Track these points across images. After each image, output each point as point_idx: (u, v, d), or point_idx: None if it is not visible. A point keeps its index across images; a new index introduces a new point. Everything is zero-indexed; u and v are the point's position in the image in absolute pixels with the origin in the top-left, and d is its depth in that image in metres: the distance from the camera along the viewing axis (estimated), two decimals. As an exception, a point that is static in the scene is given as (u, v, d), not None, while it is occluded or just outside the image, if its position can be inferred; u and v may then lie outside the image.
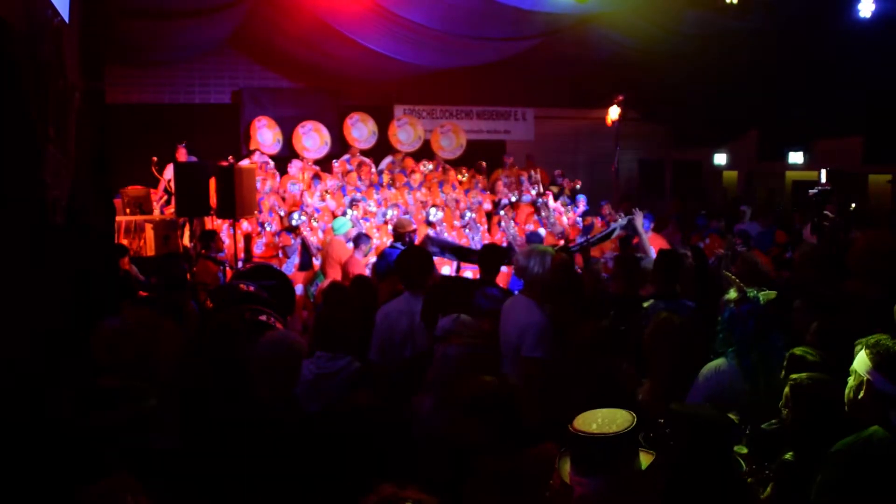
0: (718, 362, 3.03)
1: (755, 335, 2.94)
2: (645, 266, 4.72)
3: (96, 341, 2.82)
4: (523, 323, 3.70)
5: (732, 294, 3.12)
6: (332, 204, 9.54)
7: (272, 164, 10.71)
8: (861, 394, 2.18)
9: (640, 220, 5.97)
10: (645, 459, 1.88)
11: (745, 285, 3.12)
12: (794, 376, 2.46)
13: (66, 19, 3.99)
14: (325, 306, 4.59)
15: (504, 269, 6.07)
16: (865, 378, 2.17)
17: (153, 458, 2.21)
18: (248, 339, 3.16)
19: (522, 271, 3.87)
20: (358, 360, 3.36)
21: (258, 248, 8.58)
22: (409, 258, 4.37)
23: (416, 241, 7.05)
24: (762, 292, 3.08)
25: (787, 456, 2.43)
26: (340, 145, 11.95)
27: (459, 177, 11.33)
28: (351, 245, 7.46)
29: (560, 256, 4.06)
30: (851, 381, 2.23)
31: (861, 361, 2.20)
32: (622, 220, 6.43)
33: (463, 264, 7.54)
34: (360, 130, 12.06)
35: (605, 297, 4.74)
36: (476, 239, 8.97)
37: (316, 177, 10.14)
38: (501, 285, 5.42)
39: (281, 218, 9.12)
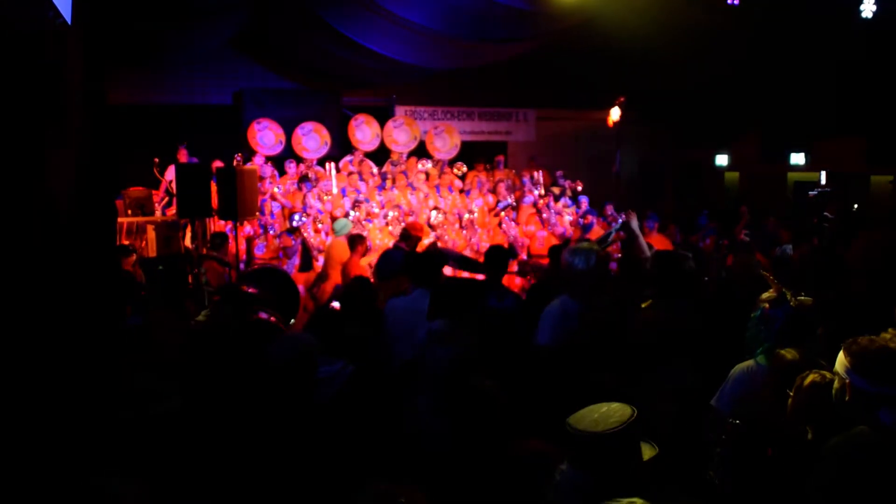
0: (749, 363, 3.03)
1: (784, 337, 2.93)
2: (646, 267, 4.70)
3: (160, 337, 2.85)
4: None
5: (769, 294, 3.10)
6: (328, 205, 9.54)
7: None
8: (846, 395, 2.16)
9: (634, 222, 5.90)
10: (647, 452, 1.91)
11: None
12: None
13: (69, 21, 4.00)
14: (317, 310, 4.61)
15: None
16: (846, 380, 2.15)
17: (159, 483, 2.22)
18: (249, 339, 3.17)
19: (568, 267, 3.79)
20: (351, 364, 3.35)
21: (259, 250, 8.59)
22: (421, 254, 4.39)
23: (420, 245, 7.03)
24: (800, 296, 3.06)
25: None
26: (340, 146, 11.95)
27: (457, 171, 11.33)
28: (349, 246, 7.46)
29: (602, 254, 3.99)
30: (836, 382, 2.21)
31: (840, 362, 2.19)
32: (615, 225, 6.41)
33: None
34: (364, 132, 12.06)
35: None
36: (474, 241, 8.96)
37: (304, 178, 10.10)
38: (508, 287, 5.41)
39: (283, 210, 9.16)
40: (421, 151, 12.22)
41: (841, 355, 2.19)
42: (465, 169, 11.55)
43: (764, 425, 2.35)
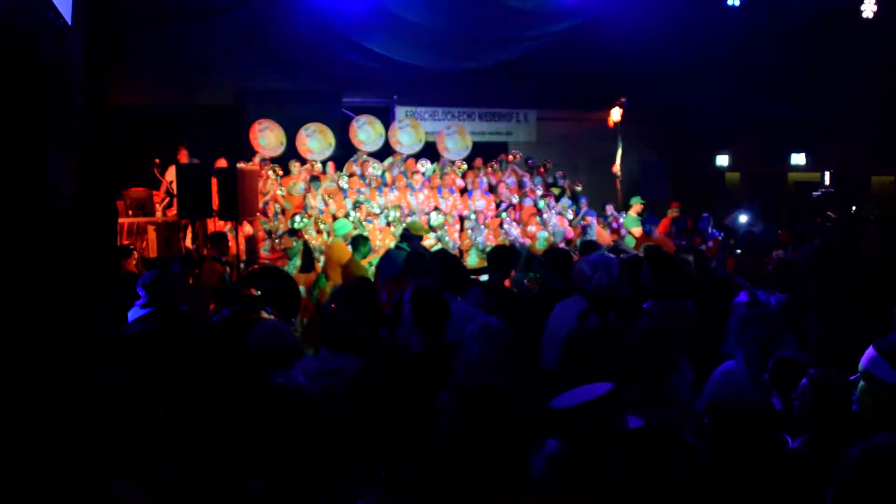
0: (729, 364, 3.03)
1: (765, 338, 2.94)
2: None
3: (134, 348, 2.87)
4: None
5: (745, 297, 3.11)
6: (332, 206, 9.54)
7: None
8: (871, 396, 2.12)
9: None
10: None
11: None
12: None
13: (69, 21, 4.00)
14: (331, 306, 4.62)
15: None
16: (872, 377, 2.11)
17: (159, 483, 2.20)
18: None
19: (586, 280, 3.84)
20: (359, 360, 3.36)
21: (264, 251, 8.61)
22: (444, 259, 4.45)
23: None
24: (774, 296, 3.07)
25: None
26: (341, 148, 11.94)
27: (456, 170, 11.33)
28: (351, 247, 7.46)
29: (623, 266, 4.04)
30: (862, 382, 2.17)
31: (871, 361, 2.15)
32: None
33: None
34: (367, 133, 12.01)
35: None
36: (479, 240, 8.95)
37: (314, 179, 10.09)
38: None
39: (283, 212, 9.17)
40: (430, 152, 12.16)
41: (871, 349, 2.15)
42: (464, 167, 11.55)
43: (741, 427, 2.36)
